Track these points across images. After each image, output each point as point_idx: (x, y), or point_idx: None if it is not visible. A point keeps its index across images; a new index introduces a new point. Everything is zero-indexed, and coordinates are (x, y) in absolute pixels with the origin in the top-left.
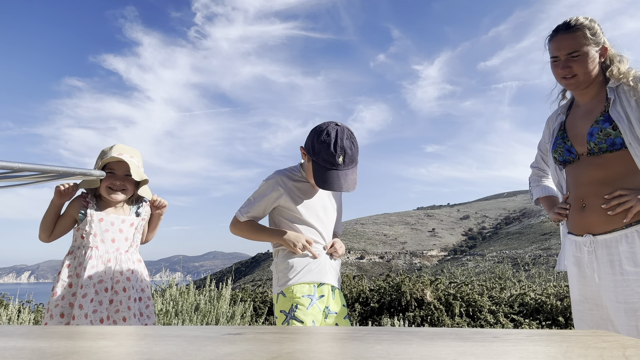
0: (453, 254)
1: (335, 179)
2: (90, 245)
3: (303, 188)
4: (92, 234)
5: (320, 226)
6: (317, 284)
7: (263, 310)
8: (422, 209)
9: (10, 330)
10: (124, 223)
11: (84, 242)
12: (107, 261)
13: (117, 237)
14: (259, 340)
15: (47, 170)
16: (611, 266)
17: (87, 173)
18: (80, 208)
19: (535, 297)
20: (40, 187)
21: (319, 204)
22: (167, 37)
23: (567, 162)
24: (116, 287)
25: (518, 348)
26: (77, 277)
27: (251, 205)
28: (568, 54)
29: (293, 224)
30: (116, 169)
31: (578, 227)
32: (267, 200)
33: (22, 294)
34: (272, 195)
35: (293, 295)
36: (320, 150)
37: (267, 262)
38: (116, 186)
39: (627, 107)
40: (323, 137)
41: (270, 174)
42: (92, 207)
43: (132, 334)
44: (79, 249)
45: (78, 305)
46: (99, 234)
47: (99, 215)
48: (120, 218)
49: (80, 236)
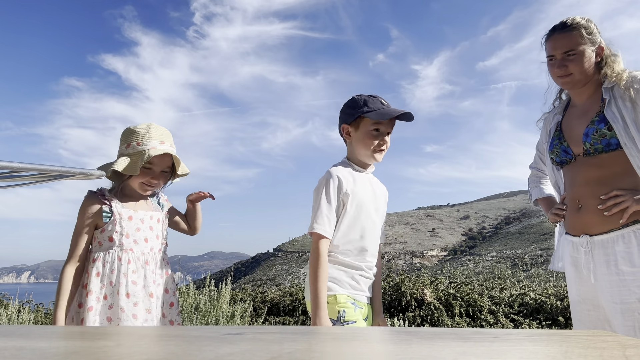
0: (453, 254)
1: (393, 109)
2: (124, 248)
3: (360, 180)
4: (123, 235)
5: (371, 229)
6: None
7: (263, 310)
8: (422, 209)
9: (10, 330)
10: (152, 219)
11: (113, 244)
12: (145, 264)
13: (149, 235)
14: (259, 340)
15: (46, 170)
16: (607, 267)
17: (87, 173)
18: (102, 207)
19: (535, 297)
20: (40, 187)
21: (372, 201)
22: (166, 37)
23: (564, 163)
24: (157, 292)
25: (518, 348)
26: (112, 285)
27: (320, 213)
28: (564, 52)
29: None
30: (156, 163)
31: (575, 228)
32: (334, 199)
33: (22, 294)
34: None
35: (337, 301)
36: (365, 102)
37: (267, 262)
38: (152, 184)
39: (622, 108)
40: (355, 97)
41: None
42: (116, 203)
43: (132, 334)
44: (108, 254)
45: (132, 315)
46: (131, 234)
47: (127, 212)
48: (148, 214)
49: (108, 238)
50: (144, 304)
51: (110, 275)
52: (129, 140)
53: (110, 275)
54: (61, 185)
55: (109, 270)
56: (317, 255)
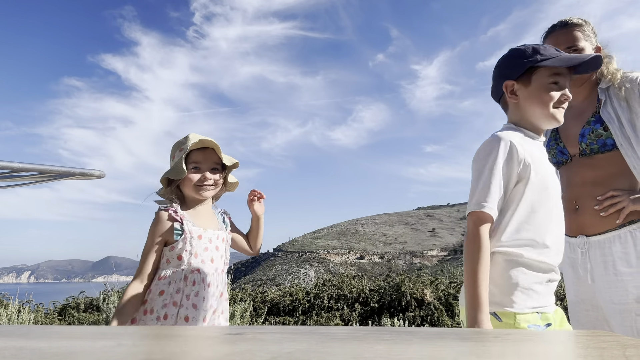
0: (453, 254)
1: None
2: (192, 268)
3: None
4: (192, 254)
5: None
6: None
7: (263, 310)
8: (422, 209)
9: (10, 330)
10: (218, 239)
11: (181, 263)
12: (208, 286)
13: (214, 255)
14: (259, 340)
15: (46, 170)
16: (605, 267)
17: (87, 173)
18: (174, 224)
19: None
20: (40, 187)
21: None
22: (165, 36)
23: (560, 163)
24: (211, 319)
25: (518, 348)
26: (174, 306)
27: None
28: (567, 48)
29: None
30: (201, 162)
31: (571, 229)
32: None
33: (22, 293)
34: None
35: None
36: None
37: (267, 262)
38: (205, 182)
39: (617, 108)
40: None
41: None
42: (188, 221)
43: (132, 334)
44: (175, 273)
45: None
46: (200, 254)
47: (197, 231)
48: (215, 234)
49: (177, 257)
50: None
51: (175, 295)
52: (173, 153)
53: (174, 295)
54: (61, 185)
55: (173, 290)
56: (479, 243)
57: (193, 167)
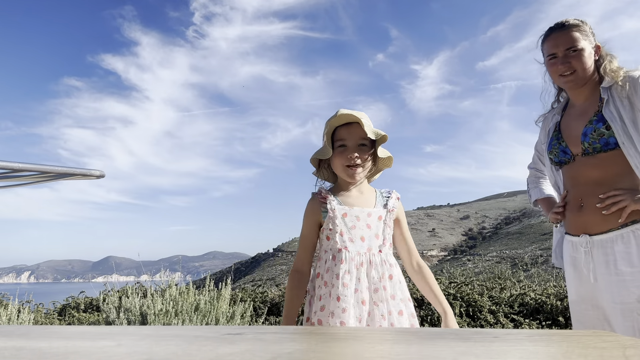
0: (453, 254)
1: None
2: (338, 247)
3: None
4: (337, 233)
5: None
6: None
7: (263, 310)
8: (422, 209)
9: (10, 330)
10: (370, 217)
11: (330, 243)
12: (360, 265)
13: (365, 234)
14: (259, 340)
15: (46, 170)
16: (607, 267)
17: (87, 173)
18: (321, 206)
19: (535, 297)
20: (40, 187)
21: None
22: (165, 36)
23: (563, 163)
24: (375, 298)
25: (518, 348)
26: (326, 286)
27: None
28: (566, 49)
29: None
30: (347, 139)
31: (574, 228)
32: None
33: (22, 293)
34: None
35: None
36: None
37: (267, 262)
38: (353, 161)
39: (620, 107)
40: None
41: None
42: (332, 200)
43: (132, 334)
44: (326, 253)
45: (339, 323)
46: (346, 232)
47: (342, 209)
48: (365, 211)
49: (326, 237)
50: (355, 311)
51: (325, 275)
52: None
53: (325, 274)
54: (61, 185)
55: (324, 270)
56: None
57: (340, 145)
